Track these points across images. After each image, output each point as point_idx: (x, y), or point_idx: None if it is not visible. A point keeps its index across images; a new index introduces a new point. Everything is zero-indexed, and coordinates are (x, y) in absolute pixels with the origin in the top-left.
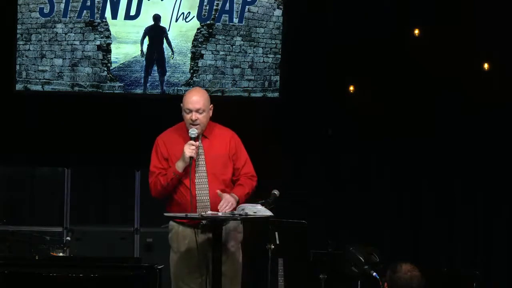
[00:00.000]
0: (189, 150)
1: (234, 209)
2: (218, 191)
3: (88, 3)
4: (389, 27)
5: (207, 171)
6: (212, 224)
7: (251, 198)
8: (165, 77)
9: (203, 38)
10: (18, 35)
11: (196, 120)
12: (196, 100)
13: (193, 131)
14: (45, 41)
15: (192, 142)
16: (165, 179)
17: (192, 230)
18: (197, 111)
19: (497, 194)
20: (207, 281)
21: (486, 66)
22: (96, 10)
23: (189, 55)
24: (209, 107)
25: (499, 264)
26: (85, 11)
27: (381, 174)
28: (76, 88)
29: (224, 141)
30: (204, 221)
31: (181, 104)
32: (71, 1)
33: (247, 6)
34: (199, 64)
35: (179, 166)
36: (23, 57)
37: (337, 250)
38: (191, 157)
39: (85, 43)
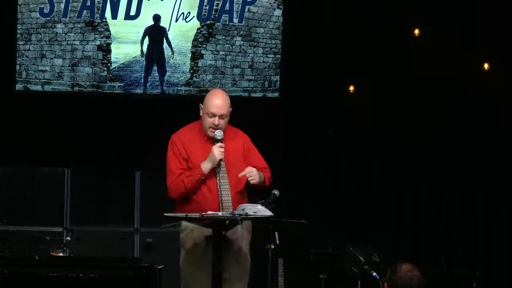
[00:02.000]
0: (218, 152)
1: (235, 209)
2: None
3: (88, 3)
4: (389, 27)
5: (228, 172)
6: (213, 223)
7: (252, 199)
8: (165, 77)
9: (203, 38)
10: (18, 35)
11: (218, 125)
12: (221, 106)
13: (219, 133)
14: (45, 41)
15: (220, 144)
16: (189, 180)
17: (207, 230)
18: (220, 116)
19: (497, 194)
20: None
21: (486, 66)
22: (96, 10)
23: (189, 55)
24: (229, 111)
25: (499, 264)
26: (85, 11)
27: (381, 174)
28: (76, 88)
29: (237, 142)
30: (227, 221)
31: (201, 105)
32: (71, 1)
33: (247, 6)
34: (199, 64)
35: (206, 167)
36: (23, 57)
37: (337, 250)
38: (220, 159)
39: (85, 43)
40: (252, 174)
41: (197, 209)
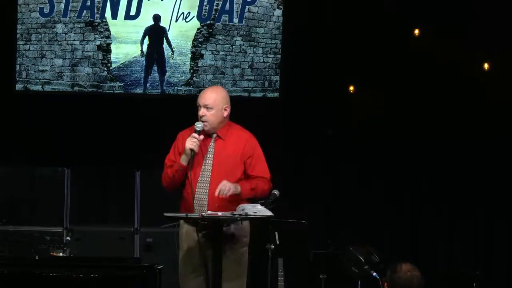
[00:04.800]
0: (190, 142)
1: (235, 209)
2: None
3: (88, 3)
4: (389, 27)
5: (212, 171)
6: (211, 224)
7: (253, 199)
8: (165, 77)
9: (203, 38)
10: (18, 35)
11: (203, 116)
12: (207, 96)
13: (199, 124)
14: (45, 41)
15: (194, 135)
16: (171, 171)
17: (194, 229)
18: (205, 106)
19: (498, 193)
20: (208, 280)
21: (486, 66)
22: (96, 10)
23: (189, 55)
24: (222, 107)
25: (500, 264)
26: (85, 11)
27: (381, 174)
28: (76, 88)
29: (239, 144)
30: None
31: None
32: (71, 1)
33: (247, 6)
34: (199, 64)
35: (182, 159)
36: (23, 57)
37: (337, 250)
38: (192, 150)
39: (85, 43)
40: (220, 191)
41: (184, 205)
